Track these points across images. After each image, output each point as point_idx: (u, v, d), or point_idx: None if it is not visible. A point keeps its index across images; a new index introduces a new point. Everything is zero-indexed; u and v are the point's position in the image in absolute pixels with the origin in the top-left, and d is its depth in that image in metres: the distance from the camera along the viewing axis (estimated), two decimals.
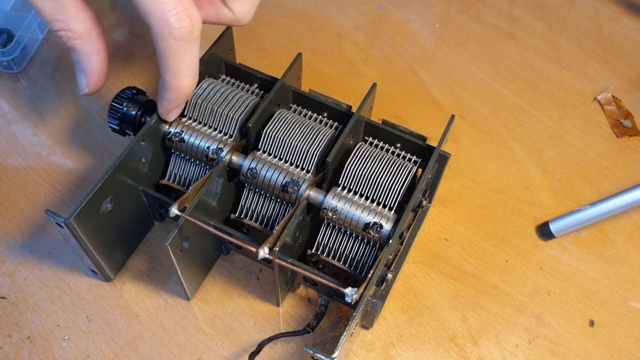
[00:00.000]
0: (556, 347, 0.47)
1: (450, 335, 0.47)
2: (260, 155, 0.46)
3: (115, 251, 0.47)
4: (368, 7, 0.66)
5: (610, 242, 0.52)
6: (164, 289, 0.48)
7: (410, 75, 0.61)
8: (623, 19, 0.65)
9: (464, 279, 0.50)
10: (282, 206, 0.46)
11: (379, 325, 0.47)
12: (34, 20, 0.60)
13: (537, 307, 0.48)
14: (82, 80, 0.41)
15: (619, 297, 0.49)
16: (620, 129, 0.58)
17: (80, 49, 0.40)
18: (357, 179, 0.44)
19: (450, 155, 0.46)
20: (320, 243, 0.45)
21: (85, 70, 0.41)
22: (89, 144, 0.55)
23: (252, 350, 0.43)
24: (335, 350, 0.37)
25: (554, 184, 0.55)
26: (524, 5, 0.66)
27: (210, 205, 0.44)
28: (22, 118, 0.57)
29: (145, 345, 0.46)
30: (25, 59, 0.60)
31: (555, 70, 0.62)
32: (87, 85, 0.42)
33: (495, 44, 0.63)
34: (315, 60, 0.62)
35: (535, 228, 0.52)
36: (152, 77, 0.59)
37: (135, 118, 0.47)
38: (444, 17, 0.65)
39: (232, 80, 0.50)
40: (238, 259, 0.50)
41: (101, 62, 0.41)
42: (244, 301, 0.48)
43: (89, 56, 0.40)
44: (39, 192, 0.53)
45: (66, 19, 0.39)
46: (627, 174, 0.55)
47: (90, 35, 0.40)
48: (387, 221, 0.43)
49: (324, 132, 0.46)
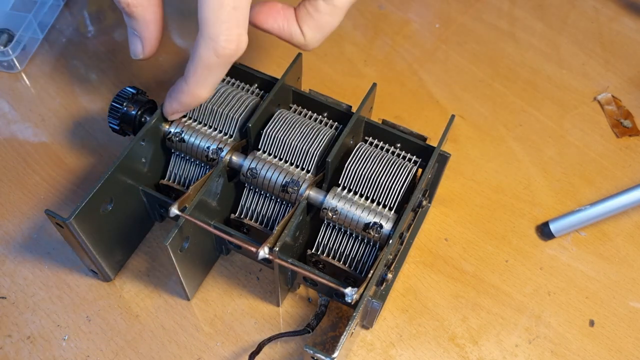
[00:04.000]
0: (556, 347, 0.47)
1: (450, 335, 0.47)
2: (260, 155, 0.46)
3: (115, 251, 0.47)
4: (368, 7, 0.66)
5: (610, 242, 0.52)
6: (164, 289, 0.48)
7: (410, 75, 0.61)
8: (623, 19, 0.65)
9: (464, 279, 0.50)
10: (282, 206, 0.46)
11: (379, 325, 0.47)
12: (34, 20, 0.60)
13: (537, 307, 0.48)
14: (137, 46, 0.42)
15: (619, 297, 0.49)
16: (620, 129, 0.58)
17: (139, 16, 0.40)
18: (357, 179, 0.44)
19: (450, 155, 0.46)
20: (320, 243, 0.45)
21: (142, 37, 0.41)
22: (89, 144, 0.55)
23: (252, 350, 0.43)
24: (335, 350, 0.37)
25: (554, 184, 0.55)
26: (524, 5, 0.66)
27: (210, 205, 0.44)
28: (22, 118, 0.57)
29: (145, 345, 0.46)
30: (25, 59, 0.60)
31: (555, 70, 0.62)
32: (143, 52, 0.42)
33: (495, 44, 0.63)
34: (315, 60, 0.62)
35: (535, 228, 0.52)
36: (152, 77, 0.59)
37: (135, 118, 0.47)
38: (444, 17, 0.65)
39: (232, 80, 0.50)
40: (238, 259, 0.50)
41: (158, 30, 0.41)
42: (244, 301, 0.48)
43: (148, 24, 0.41)
44: (39, 192, 0.53)
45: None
46: (627, 174, 0.55)
47: (151, 2, 0.40)
48: (387, 221, 0.43)
49: (324, 132, 0.46)
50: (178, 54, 0.61)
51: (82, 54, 0.61)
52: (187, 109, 0.43)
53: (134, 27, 0.41)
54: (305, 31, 0.42)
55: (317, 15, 0.41)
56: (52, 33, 0.62)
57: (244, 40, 0.38)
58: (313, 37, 0.42)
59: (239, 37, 0.37)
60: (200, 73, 0.39)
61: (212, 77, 0.40)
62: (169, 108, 0.43)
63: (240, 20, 0.37)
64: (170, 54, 0.61)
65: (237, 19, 0.37)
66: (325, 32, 0.42)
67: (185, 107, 0.43)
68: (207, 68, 0.39)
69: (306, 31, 0.42)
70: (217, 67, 0.39)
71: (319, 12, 0.41)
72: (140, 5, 0.40)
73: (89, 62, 0.61)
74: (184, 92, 0.41)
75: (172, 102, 0.43)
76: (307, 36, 0.42)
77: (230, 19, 0.37)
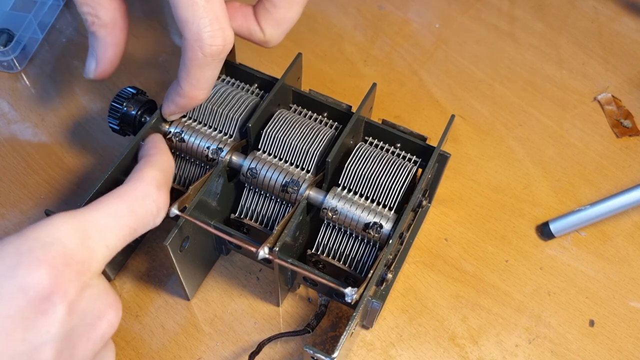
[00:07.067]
0: (556, 347, 0.47)
1: (450, 335, 0.47)
2: (260, 155, 0.46)
3: None
4: (368, 7, 0.66)
5: (610, 242, 0.52)
6: (164, 289, 0.48)
7: (410, 75, 0.61)
8: (623, 19, 0.65)
9: (464, 279, 0.50)
10: (282, 206, 0.46)
11: (379, 325, 0.47)
12: (34, 20, 0.60)
13: (537, 307, 0.49)
14: (91, 65, 0.42)
15: (619, 297, 0.49)
16: (620, 129, 0.58)
17: (100, 36, 0.40)
18: (357, 178, 0.44)
19: (450, 155, 0.46)
20: (320, 243, 0.45)
21: (98, 57, 0.41)
22: (89, 144, 0.55)
23: (252, 350, 0.43)
24: (335, 350, 0.37)
25: (554, 184, 0.55)
26: (524, 5, 0.66)
27: (210, 205, 0.44)
28: (22, 118, 0.57)
29: (145, 345, 0.46)
30: (25, 59, 0.60)
31: (555, 70, 0.62)
32: (95, 72, 0.42)
33: (495, 44, 0.63)
34: (315, 60, 0.62)
35: (535, 228, 0.52)
36: (152, 77, 0.59)
37: (135, 118, 0.47)
38: (444, 17, 0.65)
39: (232, 80, 0.50)
40: (238, 259, 0.50)
41: (116, 55, 0.41)
42: (244, 301, 0.48)
43: (107, 46, 0.41)
44: (39, 192, 0.53)
45: (96, 5, 0.39)
46: (627, 174, 0.55)
47: (115, 26, 0.40)
48: (387, 221, 0.43)
49: (324, 132, 0.46)
50: (178, 54, 0.61)
51: (82, 54, 0.61)
52: (185, 110, 0.43)
53: (93, 46, 0.41)
54: (265, 28, 0.42)
55: (274, 11, 0.41)
56: (52, 33, 0.62)
57: (229, 35, 0.38)
58: (272, 33, 0.42)
59: (222, 31, 0.37)
60: (192, 75, 0.39)
61: (205, 77, 0.39)
62: (167, 110, 0.43)
63: (218, 14, 0.37)
64: (171, 54, 0.61)
65: (214, 13, 0.37)
66: (284, 27, 0.42)
67: (183, 108, 0.43)
68: (198, 68, 0.38)
69: (265, 28, 0.42)
70: (208, 66, 0.38)
71: (275, 7, 0.41)
72: (104, 27, 0.40)
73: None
74: (180, 95, 0.41)
75: (170, 104, 0.43)
76: (266, 33, 0.42)
77: (207, 13, 0.36)
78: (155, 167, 0.38)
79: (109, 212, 0.34)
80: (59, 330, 0.30)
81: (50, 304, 0.30)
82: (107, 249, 0.33)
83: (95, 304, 0.32)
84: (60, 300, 0.30)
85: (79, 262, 0.31)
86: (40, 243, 0.30)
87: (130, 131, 0.47)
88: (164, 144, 0.42)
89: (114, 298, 0.34)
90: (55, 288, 0.30)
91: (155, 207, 0.36)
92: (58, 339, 0.30)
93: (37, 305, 0.30)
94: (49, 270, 0.30)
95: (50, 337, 0.30)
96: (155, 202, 0.36)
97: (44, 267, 0.30)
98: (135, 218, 0.35)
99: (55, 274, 0.30)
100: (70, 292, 0.31)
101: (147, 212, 0.36)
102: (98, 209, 0.34)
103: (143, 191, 0.36)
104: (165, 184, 0.38)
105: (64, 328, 0.30)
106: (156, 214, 0.37)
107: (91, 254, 0.32)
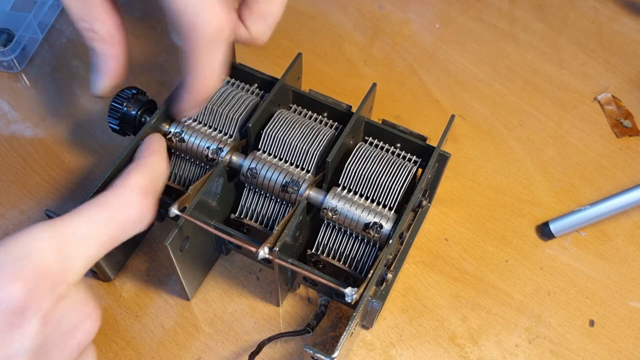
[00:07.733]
0: (556, 347, 0.47)
1: (450, 335, 0.47)
2: (260, 155, 0.46)
3: (115, 251, 0.47)
4: (368, 7, 0.66)
5: (610, 242, 0.52)
6: (164, 289, 0.48)
7: (410, 75, 0.61)
8: (623, 19, 0.65)
9: (464, 279, 0.50)
10: (282, 206, 0.46)
11: (379, 325, 0.47)
12: (34, 20, 0.60)
13: (537, 307, 0.48)
14: (95, 81, 0.42)
15: (619, 297, 0.49)
16: (620, 129, 0.58)
17: (100, 51, 0.40)
18: (357, 179, 0.44)
19: (450, 155, 0.46)
20: (320, 243, 0.45)
21: (101, 72, 0.41)
22: (89, 144, 0.55)
23: (252, 350, 0.43)
24: (335, 350, 0.37)
25: (554, 184, 0.55)
26: (524, 5, 0.66)
27: (210, 205, 0.44)
28: (22, 118, 0.57)
29: (145, 345, 0.46)
30: (25, 59, 0.60)
31: (555, 70, 0.62)
32: (100, 87, 0.42)
33: (495, 44, 0.63)
34: (315, 60, 0.62)
35: (535, 228, 0.52)
36: (152, 77, 0.59)
37: (135, 118, 0.47)
38: (444, 17, 0.65)
39: (232, 80, 0.50)
40: (238, 259, 0.50)
41: (118, 68, 0.41)
42: (244, 301, 0.48)
43: (107, 59, 0.41)
44: (39, 192, 0.53)
45: (92, 20, 0.39)
46: (627, 174, 0.55)
47: (113, 40, 0.40)
48: (387, 221, 0.43)
49: (324, 132, 0.46)
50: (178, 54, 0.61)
51: (82, 54, 0.61)
52: (197, 105, 0.42)
53: (95, 62, 0.41)
54: (249, 25, 0.42)
55: (256, 7, 0.41)
56: (52, 33, 0.62)
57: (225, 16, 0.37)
58: (258, 30, 0.42)
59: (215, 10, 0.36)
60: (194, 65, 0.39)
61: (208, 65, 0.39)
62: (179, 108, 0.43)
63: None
64: (171, 54, 0.61)
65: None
66: (269, 21, 0.42)
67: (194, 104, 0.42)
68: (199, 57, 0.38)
69: (250, 25, 0.42)
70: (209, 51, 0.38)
71: (257, 3, 0.41)
72: (102, 41, 0.40)
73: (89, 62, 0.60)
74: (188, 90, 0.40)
75: (180, 101, 0.42)
76: (252, 30, 0.42)
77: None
78: (143, 172, 0.38)
79: (88, 221, 0.34)
80: (33, 342, 0.30)
81: (24, 318, 0.30)
82: (85, 258, 0.33)
83: (71, 314, 0.32)
84: (33, 314, 0.30)
85: (54, 275, 0.31)
86: (14, 256, 0.30)
87: (130, 131, 0.47)
88: (161, 146, 0.42)
89: (92, 307, 0.33)
90: (29, 302, 0.30)
91: (137, 214, 0.36)
92: (31, 350, 0.30)
93: (11, 319, 0.30)
94: (22, 285, 0.30)
95: (24, 350, 0.30)
96: (136, 209, 0.36)
97: (17, 282, 0.30)
98: (116, 226, 0.35)
99: (29, 288, 0.30)
100: (43, 305, 0.31)
101: (128, 219, 0.35)
102: (77, 218, 0.33)
103: (124, 198, 0.36)
104: (151, 189, 0.37)
105: (38, 339, 0.30)
106: (139, 221, 0.36)
107: (68, 265, 0.32)
